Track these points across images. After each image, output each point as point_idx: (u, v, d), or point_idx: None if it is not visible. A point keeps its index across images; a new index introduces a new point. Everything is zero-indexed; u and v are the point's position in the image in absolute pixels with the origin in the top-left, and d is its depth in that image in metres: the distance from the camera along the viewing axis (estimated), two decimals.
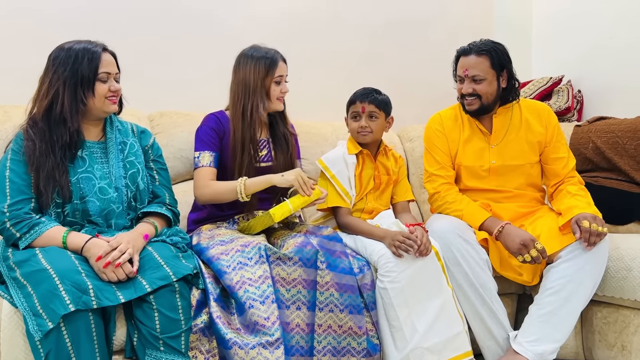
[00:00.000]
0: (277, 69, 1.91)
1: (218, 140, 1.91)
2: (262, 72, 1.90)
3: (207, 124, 1.94)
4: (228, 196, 1.84)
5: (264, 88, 1.90)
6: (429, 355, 1.71)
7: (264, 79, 1.90)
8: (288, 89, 1.98)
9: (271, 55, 1.92)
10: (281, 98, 1.96)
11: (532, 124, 2.08)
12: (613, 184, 2.42)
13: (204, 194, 1.87)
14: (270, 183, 1.81)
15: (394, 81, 2.86)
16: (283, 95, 1.96)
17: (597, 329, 2.00)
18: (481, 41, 2.05)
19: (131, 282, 1.49)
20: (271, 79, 1.91)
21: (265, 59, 1.91)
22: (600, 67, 2.94)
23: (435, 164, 2.11)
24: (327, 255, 1.70)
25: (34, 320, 1.36)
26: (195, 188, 1.89)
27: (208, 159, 1.88)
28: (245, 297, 1.56)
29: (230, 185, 1.83)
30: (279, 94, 1.94)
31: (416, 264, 1.75)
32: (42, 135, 1.60)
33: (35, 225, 1.54)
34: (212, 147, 1.90)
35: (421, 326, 1.71)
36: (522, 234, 1.85)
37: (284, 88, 1.95)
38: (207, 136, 1.91)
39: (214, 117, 1.95)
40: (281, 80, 1.93)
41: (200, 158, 1.89)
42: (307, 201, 1.80)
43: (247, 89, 1.90)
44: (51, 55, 1.65)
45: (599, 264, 1.86)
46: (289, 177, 1.79)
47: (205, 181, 1.86)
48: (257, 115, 1.91)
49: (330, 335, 1.64)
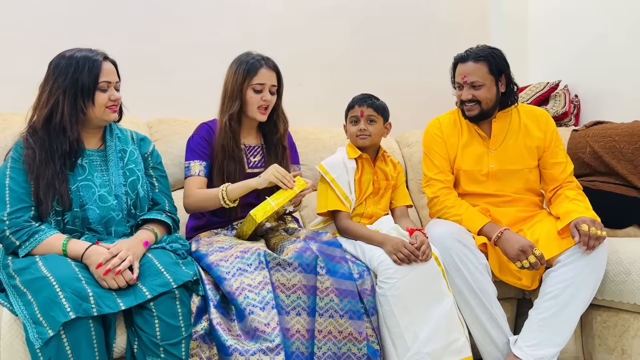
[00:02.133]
0: (257, 76, 1.87)
1: (209, 149, 1.91)
2: (240, 77, 1.88)
3: (199, 134, 1.94)
4: (212, 203, 1.83)
5: (241, 93, 1.88)
6: None
7: (242, 84, 1.88)
8: (271, 99, 1.90)
9: (253, 61, 1.88)
10: (262, 108, 1.89)
11: (531, 129, 2.09)
12: (611, 188, 2.43)
13: (189, 203, 1.88)
14: (250, 187, 1.80)
15: (391, 87, 2.86)
16: (265, 104, 1.89)
17: (596, 333, 2.00)
18: (478, 47, 2.06)
19: (131, 289, 1.49)
20: (248, 85, 1.87)
21: (246, 63, 1.88)
22: (596, 71, 2.96)
23: (434, 169, 2.11)
24: (326, 260, 1.70)
25: (34, 328, 1.36)
26: (183, 197, 1.91)
27: (197, 168, 1.89)
28: (245, 304, 1.56)
29: (213, 192, 1.83)
30: (260, 102, 1.88)
31: (416, 269, 1.75)
32: (41, 143, 1.60)
33: (35, 233, 1.54)
34: (202, 156, 1.90)
35: (422, 333, 1.71)
36: (521, 240, 1.85)
37: (266, 96, 1.88)
38: (198, 145, 1.91)
39: (205, 127, 1.96)
40: (262, 89, 1.88)
41: (191, 167, 1.90)
42: (291, 194, 1.76)
43: (226, 94, 1.91)
44: (52, 63, 1.65)
45: (598, 267, 1.86)
46: (265, 175, 1.78)
47: (192, 190, 1.87)
48: (237, 121, 1.89)
49: (331, 341, 1.64)
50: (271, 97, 1.92)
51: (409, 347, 1.70)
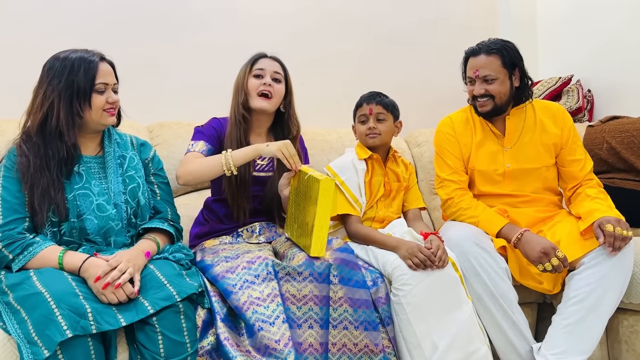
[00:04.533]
0: (257, 64, 1.88)
1: (217, 138, 1.86)
2: (243, 69, 1.89)
3: (210, 124, 1.91)
4: (212, 170, 1.70)
5: (245, 84, 1.87)
6: None
7: (244, 76, 1.88)
8: (273, 85, 1.85)
9: (256, 54, 1.91)
10: (264, 92, 1.85)
11: (547, 125, 2.01)
12: (630, 184, 2.34)
13: (184, 170, 1.72)
14: (257, 152, 1.71)
15: (399, 85, 2.79)
16: (264, 89, 1.84)
17: (623, 338, 1.90)
18: (490, 40, 1.99)
19: (132, 304, 1.41)
20: (249, 74, 1.87)
21: (252, 57, 1.91)
22: (609, 65, 2.88)
23: (447, 169, 2.03)
24: (339, 268, 1.60)
25: (29, 349, 1.28)
26: (178, 166, 1.76)
27: (201, 146, 1.81)
28: (254, 319, 1.47)
29: (214, 157, 1.72)
30: (260, 87, 1.84)
31: (433, 275, 1.65)
32: (36, 150, 1.52)
33: (29, 245, 1.45)
34: (209, 139, 1.84)
35: (441, 342, 1.61)
36: (543, 242, 1.76)
37: (266, 81, 1.85)
38: (207, 129, 1.88)
39: (217, 120, 1.93)
40: (262, 74, 1.86)
41: (194, 145, 1.81)
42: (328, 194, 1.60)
43: (235, 89, 1.90)
44: (46, 65, 1.57)
45: (624, 269, 1.77)
46: (273, 147, 1.68)
47: (189, 158, 1.77)
48: (244, 116, 1.84)
49: (345, 354, 1.55)
50: (274, 84, 1.87)
51: (427, 357, 1.60)
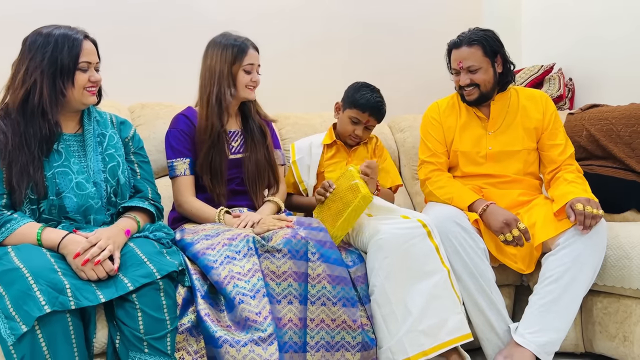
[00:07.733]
0: (247, 57, 1.87)
1: (189, 142, 1.86)
2: (230, 58, 1.85)
3: (176, 127, 1.89)
4: (206, 219, 1.81)
5: (231, 75, 1.86)
6: (425, 338, 1.63)
7: (232, 65, 1.86)
8: (259, 79, 1.92)
9: (240, 42, 1.88)
10: (251, 87, 1.90)
11: (530, 110, 2.07)
12: (608, 172, 2.38)
13: (185, 209, 1.85)
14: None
15: (383, 72, 2.81)
16: (253, 84, 1.91)
17: (597, 319, 1.95)
18: (470, 31, 2.05)
19: (112, 281, 1.40)
20: (239, 67, 1.86)
21: (234, 46, 1.86)
22: (590, 54, 2.91)
23: (427, 151, 2.12)
24: (317, 246, 1.62)
25: (6, 324, 1.27)
26: (179, 196, 1.86)
27: (182, 167, 1.85)
28: (234, 292, 1.48)
29: (210, 213, 1.81)
30: (249, 82, 1.89)
31: (407, 243, 1.69)
32: (15, 127, 1.50)
33: (7, 222, 1.44)
34: (184, 152, 1.86)
35: (415, 308, 1.64)
36: (506, 214, 1.83)
37: (255, 77, 1.90)
38: (177, 141, 1.86)
39: (182, 118, 1.90)
40: (251, 70, 1.89)
41: (175, 167, 1.86)
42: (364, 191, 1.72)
43: (214, 76, 1.85)
44: (27, 40, 1.54)
45: (598, 249, 1.82)
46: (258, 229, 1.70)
47: (187, 195, 1.84)
48: (225, 104, 1.86)
49: (324, 329, 1.57)
50: (258, 78, 1.92)
51: (400, 323, 1.62)
